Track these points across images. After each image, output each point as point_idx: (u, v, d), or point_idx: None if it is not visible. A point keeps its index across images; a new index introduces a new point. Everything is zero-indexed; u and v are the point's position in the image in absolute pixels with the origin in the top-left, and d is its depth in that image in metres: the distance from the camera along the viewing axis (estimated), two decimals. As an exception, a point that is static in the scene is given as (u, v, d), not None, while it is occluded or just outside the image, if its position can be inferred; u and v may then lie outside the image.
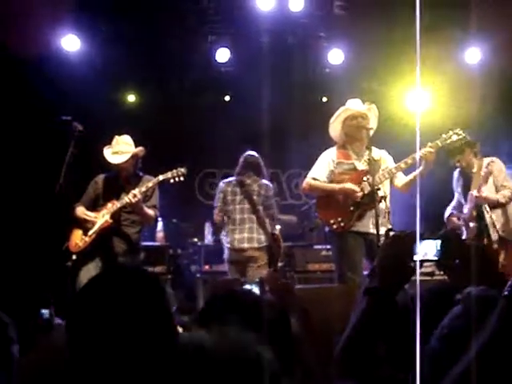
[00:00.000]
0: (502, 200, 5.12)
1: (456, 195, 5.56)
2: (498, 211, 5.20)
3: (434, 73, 6.66)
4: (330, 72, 7.86)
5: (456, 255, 1.54)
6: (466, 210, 5.33)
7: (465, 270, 1.46)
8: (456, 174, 5.57)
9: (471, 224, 5.24)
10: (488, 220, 5.14)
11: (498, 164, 5.23)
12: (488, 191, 5.19)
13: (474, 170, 5.20)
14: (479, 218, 5.20)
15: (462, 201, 5.43)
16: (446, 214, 5.56)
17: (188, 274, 6.98)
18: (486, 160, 5.21)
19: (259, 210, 5.70)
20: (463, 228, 5.35)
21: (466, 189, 5.37)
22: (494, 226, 5.11)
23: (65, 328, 1.40)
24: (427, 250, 1.57)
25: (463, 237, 5.29)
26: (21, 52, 6.29)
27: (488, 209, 5.16)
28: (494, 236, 5.11)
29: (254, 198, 5.70)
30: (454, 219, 5.43)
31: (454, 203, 5.56)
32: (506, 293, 0.97)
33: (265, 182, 5.82)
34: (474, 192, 5.12)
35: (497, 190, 5.25)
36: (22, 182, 6.58)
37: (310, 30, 7.52)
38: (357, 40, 7.46)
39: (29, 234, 6.14)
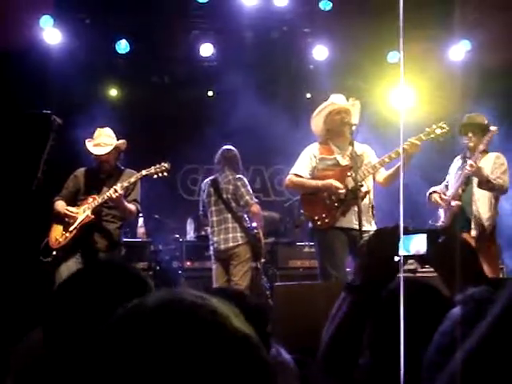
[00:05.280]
0: (493, 181, 4.99)
1: (446, 178, 5.44)
2: (486, 205, 5.13)
3: (417, 70, 6.65)
4: (314, 68, 7.83)
5: (443, 250, 1.47)
6: (451, 190, 5.24)
7: (451, 266, 1.40)
8: (457, 158, 5.42)
9: (453, 203, 5.15)
10: (474, 211, 5.09)
11: (502, 158, 5.19)
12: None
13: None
14: (465, 195, 5.17)
15: (452, 183, 5.33)
16: (429, 191, 5.46)
17: (169, 270, 6.92)
18: (492, 154, 5.17)
19: (233, 207, 5.64)
20: (442, 208, 5.24)
21: (460, 169, 5.26)
22: (478, 220, 5.06)
23: (41, 326, 1.34)
24: (419, 245, 1.51)
25: (441, 219, 5.21)
26: (1, 45, 6.18)
27: (476, 198, 5.13)
28: (474, 231, 5.03)
29: (228, 196, 5.64)
30: (436, 196, 5.34)
31: (441, 185, 5.46)
32: None
33: (236, 176, 5.72)
34: (469, 161, 5.03)
35: None
36: None
37: (294, 26, 7.50)
38: (341, 36, 7.46)
39: (5, 230, 6.02)
